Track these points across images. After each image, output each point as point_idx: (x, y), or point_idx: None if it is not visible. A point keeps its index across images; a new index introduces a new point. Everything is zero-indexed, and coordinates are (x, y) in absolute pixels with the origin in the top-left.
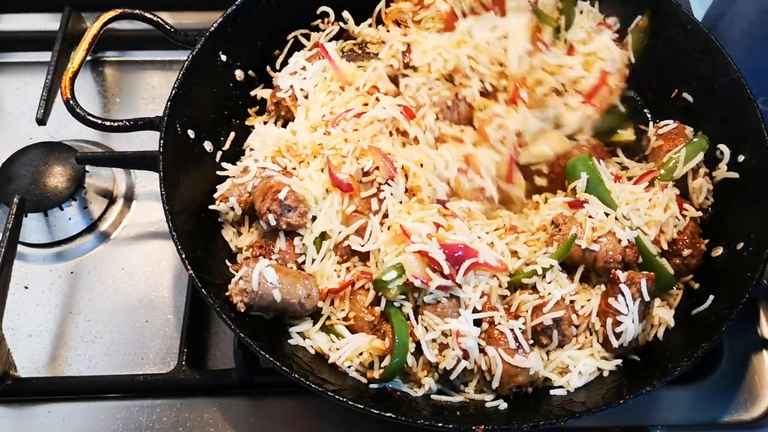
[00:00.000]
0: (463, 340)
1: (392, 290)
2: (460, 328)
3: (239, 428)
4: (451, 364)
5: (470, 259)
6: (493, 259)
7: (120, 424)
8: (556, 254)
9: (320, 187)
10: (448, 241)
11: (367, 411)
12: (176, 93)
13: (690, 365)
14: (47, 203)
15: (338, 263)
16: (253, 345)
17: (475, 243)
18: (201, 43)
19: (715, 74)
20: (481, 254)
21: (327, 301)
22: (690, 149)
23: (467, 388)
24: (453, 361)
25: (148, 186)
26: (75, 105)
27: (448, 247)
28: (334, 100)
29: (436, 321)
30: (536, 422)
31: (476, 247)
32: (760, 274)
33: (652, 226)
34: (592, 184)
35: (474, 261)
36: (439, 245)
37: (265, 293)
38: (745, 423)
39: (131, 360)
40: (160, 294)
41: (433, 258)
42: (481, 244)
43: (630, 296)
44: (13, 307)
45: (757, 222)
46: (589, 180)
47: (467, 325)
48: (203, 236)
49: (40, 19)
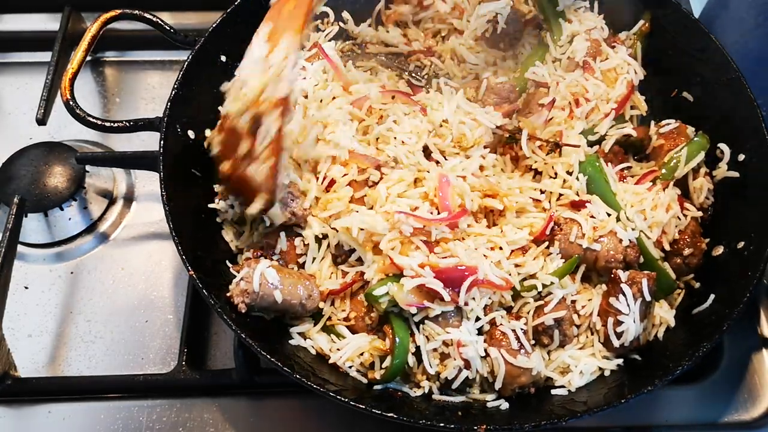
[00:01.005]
0: (464, 350)
1: (383, 304)
2: (461, 338)
3: (239, 428)
4: (453, 374)
5: (470, 277)
6: (496, 277)
7: (120, 424)
8: (558, 271)
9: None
10: (442, 265)
11: (369, 411)
12: (176, 93)
13: (691, 365)
14: (47, 203)
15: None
16: (254, 346)
17: (475, 260)
18: (201, 43)
19: (715, 74)
20: (480, 270)
21: (328, 302)
22: (691, 149)
23: (470, 389)
24: (454, 371)
25: (148, 186)
26: (75, 106)
27: (443, 272)
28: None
29: (438, 330)
30: (538, 422)
31: (475, 263)
32: (761, 273)
33: (654, 227)
34: (598, 185)
35: (474, 278)
36: (434, 273)
37: (266, 294)
38: (745, 423)
39: (131, 360)
40: (160, 294)
41: (431, 288)
42: (485, 261)
43: (631, 296)
44: (13, 307)
45: (757, 221)
46: (596, 181)
47: (469, 335)
48: (203, 236)
49: (40, 19)
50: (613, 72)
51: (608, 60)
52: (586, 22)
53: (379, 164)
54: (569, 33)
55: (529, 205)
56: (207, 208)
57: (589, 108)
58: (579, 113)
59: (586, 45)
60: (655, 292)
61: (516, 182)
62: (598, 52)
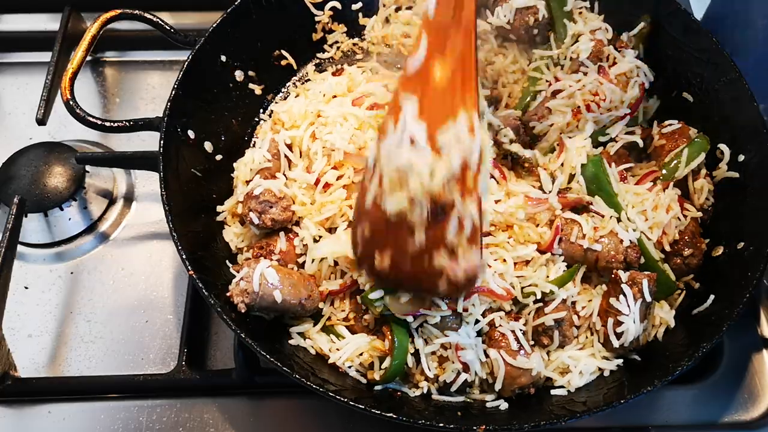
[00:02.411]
0: (462, 354)
1: (378, 308)
2: (460, 341)
3: (239, 428)
4: (451, 377)
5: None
6: (498, 287)
7: (120, 424)
8: (558, 280)
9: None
10: None
11: (368, 411)
12: (176, 93)
13: (691, 365)
14: (47, 203)
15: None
16: (254, 345)
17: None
18: (201, 43)
19: (715, 74)
20: (482, 280)
21: (327, 302)
22: (691, 150)
23: (470, 390)
24: (453, 374)
25: (148, 186)
26: (75, 106)
27: None
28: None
29: (436, 333)
30: (537, 422)
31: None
32: (761, 273)
33: (655, 228)
34: (600, 186)
35: (474, 287)
36: None
37: (266, 294)
38: (745, 423)
39: (131, 360)
40: (160, 294)
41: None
42: (488, 272)
43: (632, 296)
44: (13, 307)
45: (757, 221)
46: (599, 182)
47: (468, 339)
48: (203, 236)
49: (40, 19)
50: (624, 76)
51: (619, 64)
52: (590, 23)
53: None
54: (573, 33)
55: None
56: (207, 208)
57: (605, 110)
58: (590, 117)
59: (591, 45)
60: (656, 293)
61: (519, 187)
62: (601, 52)
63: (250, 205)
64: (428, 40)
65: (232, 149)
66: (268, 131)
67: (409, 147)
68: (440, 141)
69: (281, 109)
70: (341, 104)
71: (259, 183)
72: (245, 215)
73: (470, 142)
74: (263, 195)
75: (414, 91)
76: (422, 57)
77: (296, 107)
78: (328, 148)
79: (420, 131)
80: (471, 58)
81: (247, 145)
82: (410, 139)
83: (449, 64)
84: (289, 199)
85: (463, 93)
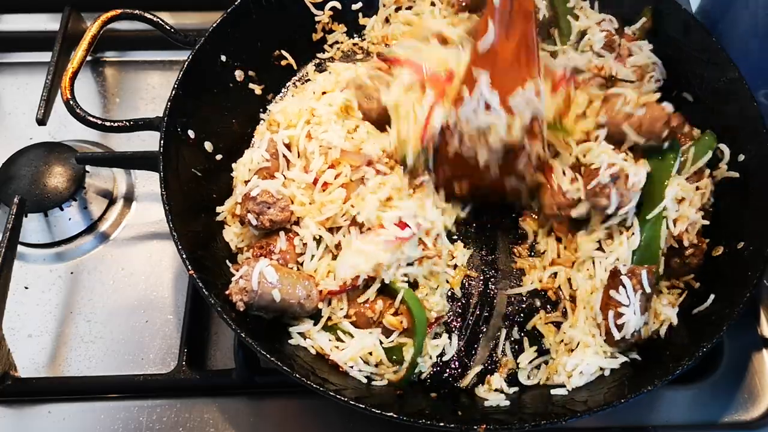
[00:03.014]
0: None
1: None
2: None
3: (239, 428)
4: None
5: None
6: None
7: (120, 424)
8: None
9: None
10: None
11: (369, 411)
12: (176, 93)
13: (691, 365)
14: (47, 203)
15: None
16: (254, 345)
17: None
18: (201, 43)
19: (715, 74)
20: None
21: (325, 303)
22: (698, 148)
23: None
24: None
25: (148, 186)
26: (75, 105)
27: None
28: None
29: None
30: (537, 422)
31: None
32: (761, 273)
33: (678, 222)
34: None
35: None
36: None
37: (264, 293)
38: (745, 423)
39: (131, 360)
40: (160, 294)
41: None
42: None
43: (631, 288)
44: (13, 307)
45: (757, 221)
46: None
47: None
48: (203, 236)
49: (40, 19)
50: (640, 69)
51: (636, 56)
52: (593, 17)
53: (371, 161)
54: (579, 29)
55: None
56: (207, 208)
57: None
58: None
59: (602, 35)
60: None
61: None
62: (613, 41)
63: (248, 206)
64: (495, 25)
65: (232, 149)
66: (266, 131)
67: (484, 112)
68: (512, 104)
69: (276, 109)
70: (331, 103)
71: (257, 183)
72: (243, 216)
73: (537, 102)
74: (261, 196)
75: (485, 67)
76: (491, 39)
77: (291, 106)
78: (325, 146)
79: (494, 99)
80: (531, 36)
81: (247, 145)
82: (485, 105)
83: (514, 43)
84: (287, 199)
85: (528, 66)
